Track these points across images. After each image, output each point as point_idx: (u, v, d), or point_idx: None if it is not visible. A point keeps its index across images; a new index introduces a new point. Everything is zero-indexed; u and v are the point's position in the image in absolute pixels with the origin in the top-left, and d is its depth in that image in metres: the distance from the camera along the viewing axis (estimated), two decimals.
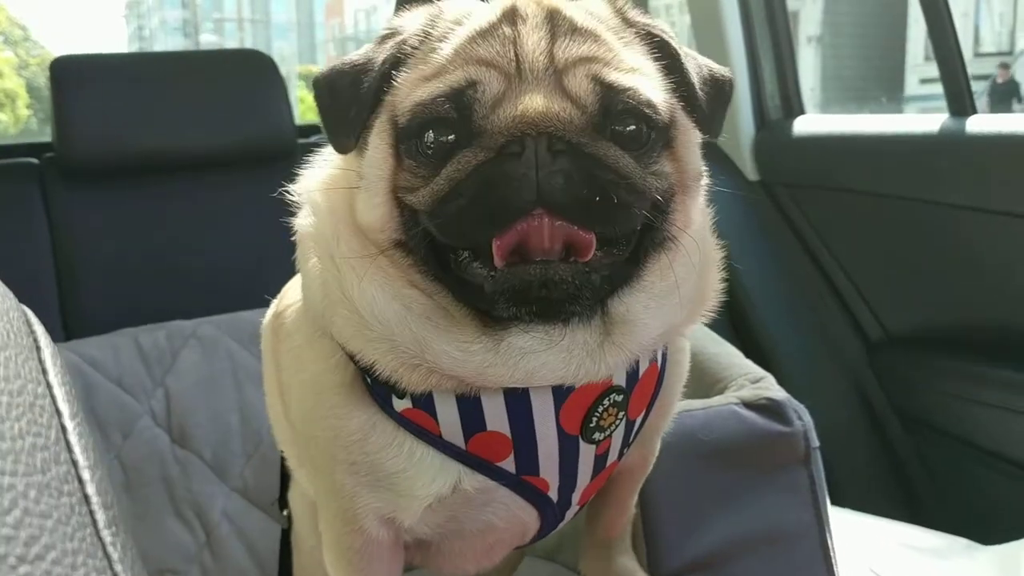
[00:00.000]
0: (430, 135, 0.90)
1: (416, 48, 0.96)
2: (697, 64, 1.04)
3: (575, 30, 0.93)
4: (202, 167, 2.59)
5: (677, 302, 1.01)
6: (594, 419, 1.03)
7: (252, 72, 2.67)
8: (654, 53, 0.99)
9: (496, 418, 1.00)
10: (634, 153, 0.91)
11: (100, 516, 0.44)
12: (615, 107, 0.90)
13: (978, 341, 2.48)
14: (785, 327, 2.86)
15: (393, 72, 0.96)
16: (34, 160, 2.54)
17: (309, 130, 2.98)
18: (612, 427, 1.06)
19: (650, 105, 0.91)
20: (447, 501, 1.05)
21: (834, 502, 1.72)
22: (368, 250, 0.96)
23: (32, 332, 0.52)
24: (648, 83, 0.94)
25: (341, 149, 1.00)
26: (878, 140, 2.58)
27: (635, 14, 1.03)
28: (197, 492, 2.13)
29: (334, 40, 36.15)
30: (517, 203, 0.85)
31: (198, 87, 2.59)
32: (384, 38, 1.00)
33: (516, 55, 0.90)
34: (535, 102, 0.87)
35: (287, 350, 1.17)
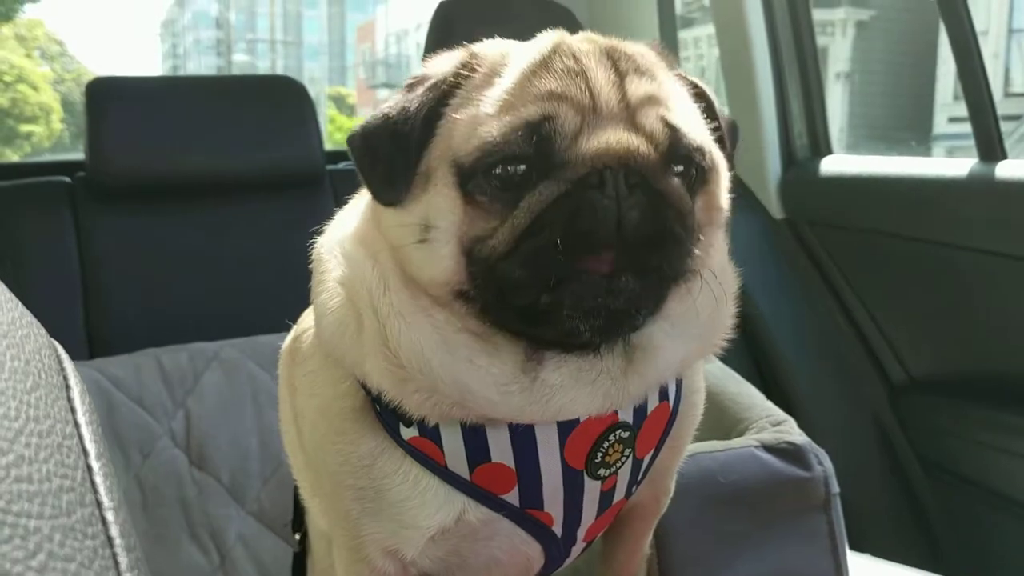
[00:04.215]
0: (498, 169, 0.89)
1: (456, 87, 0.96)
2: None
3: (638, 69, 0.95)
4: (231, 190, 2.62)
5: (695, 331, 1.02)
6: (599, 455, 1.04)
7: (283, 98, 2.70)
8: (693, 97, 1.03)
9: (501, 450, 1.01)
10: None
11: (123, 559, 0.45)
12: (679, 149, 0.92)
13: (1002, 388, 2.44)
14: (807, 368, 2.84)
15: (439, 114, 0.95)
16: (66, 179, 2.57)
17: (337, 156, 3.01)
18: (618, 464, 1.07)
19: (700, 150, 0.95)
20: (450, 532, 1.05)
21: (853, 547, 1.70)
22: (420, 301, 0.96)
23: (62, 370, 0.53)
24: (699, 126, 0.98)
25: (388, 202, 0.97)
26: (906, 182, 2.57)
27: (674, 61, 1.05)
28: (213, 515, 2.14)
29: (364, 63, 36.52)
30: (601, 233, 0.86)
31: (230, 111, 2.62)
32: (412, 85, 0.99)
33: (588, 88, 0.91)
34: (618, 136, 0.89)
35: (303, 374, 1.17)
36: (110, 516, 0.46)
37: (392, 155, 0.95)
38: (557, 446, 1.02)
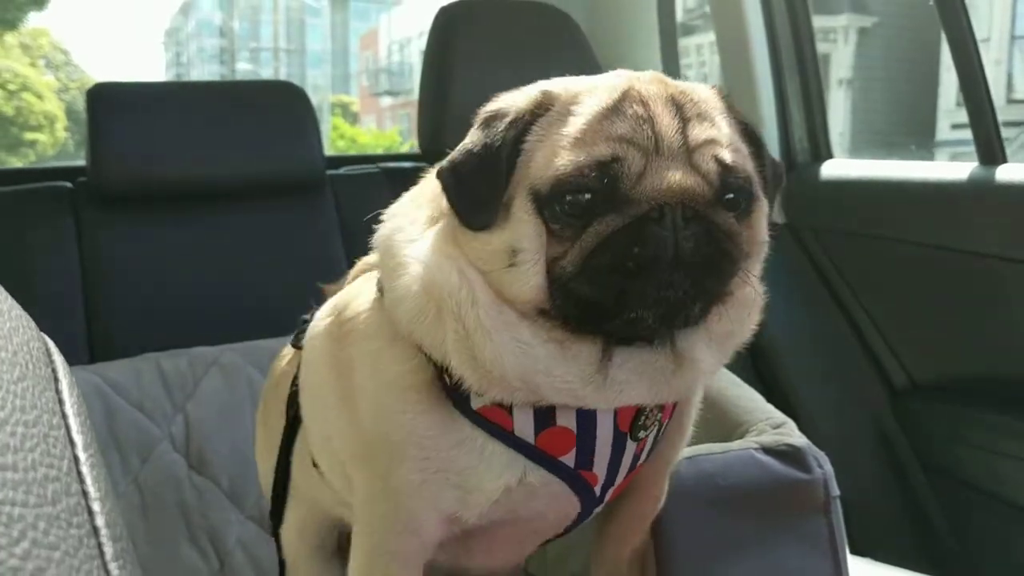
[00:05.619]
0: (570, 197, 1.01)
1: (531, 124, 1.07)
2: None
3: (700, 114, 1.07)
4: (232, 196, 2.62)
5: (729, 347, 1.16)
6: (642, 418, 1.15)
7: (284, 103, 2.70)
8: (744, 138, 1.15)
9: (566, 415, 1.11)
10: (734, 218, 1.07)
11: (108, 549, 0.45)
12: (730, 183, 1.05)
13: (1006, 392, 2.44)
14: (809, 372, 2.84)
15: (517, 150, 1.06)
16: (68, 184, 2.58)
17: (338, 161, 3.01)
18: (653, 427, 1.18)
19: (749, 182, 1.08)
20: (513, 494, 1.13)
21: (855, 552, 1.69)
22: (505, 316, 1.06)
23: (51, 362, 0.53)
24: (749, 163, 1.10)
25: (479, 227, 1.07)
26: (907, 186, 2.57)
27: (734, 103, 1.17)
28: (212, 519, 2.14)
29: (367, 71, 36.62)
30: (660, 260, 0.99)
31: (231, 116, 2.63)
32: (490, 119, 1.10)
33: (654, 134, 1.03)
34: (676, 177, 1.01)
35: (364, 353, 1.21)
36: (96, 506, 0.46)
37: (481, 185, 1.06)
38: (613, 413, 1.13)
